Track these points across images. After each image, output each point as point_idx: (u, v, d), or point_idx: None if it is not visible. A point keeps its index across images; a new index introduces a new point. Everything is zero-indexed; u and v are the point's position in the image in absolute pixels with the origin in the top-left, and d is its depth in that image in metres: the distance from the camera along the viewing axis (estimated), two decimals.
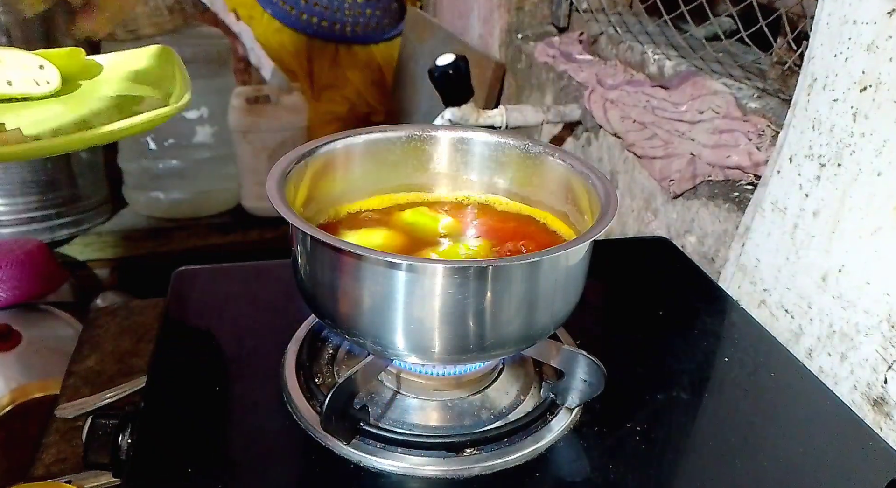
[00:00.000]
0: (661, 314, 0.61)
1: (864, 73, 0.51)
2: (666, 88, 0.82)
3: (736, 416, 0.49)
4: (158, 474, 0.42)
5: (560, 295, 0.42)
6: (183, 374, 0.50)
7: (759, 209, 0.62)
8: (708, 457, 0.46)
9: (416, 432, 0.45)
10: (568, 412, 0.47)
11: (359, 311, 0.40)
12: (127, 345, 0.77)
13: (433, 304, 0.38)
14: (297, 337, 0.52)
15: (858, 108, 0.52)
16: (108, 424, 0.46)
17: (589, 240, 0.40)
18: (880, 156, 0.50)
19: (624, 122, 0.85)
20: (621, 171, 0.88)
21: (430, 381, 0.47)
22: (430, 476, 0.42)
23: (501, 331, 0.41)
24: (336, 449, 0.43)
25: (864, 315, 0.52)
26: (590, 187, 0.46)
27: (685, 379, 0.52)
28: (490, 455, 0.43)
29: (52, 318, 1.07)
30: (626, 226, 0.88)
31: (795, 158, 0.58)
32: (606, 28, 0.99)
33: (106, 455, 0.45)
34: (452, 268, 0.38)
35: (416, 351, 0.41)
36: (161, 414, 0.46)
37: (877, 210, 0.51)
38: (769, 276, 0.61)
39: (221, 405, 0.48)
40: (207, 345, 0.54)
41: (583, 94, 0.94)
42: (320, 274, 0.42)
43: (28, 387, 0.84)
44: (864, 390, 0.52)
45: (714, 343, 0.58)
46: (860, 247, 0.52)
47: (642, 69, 0.89)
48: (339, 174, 0.50)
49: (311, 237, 0.39)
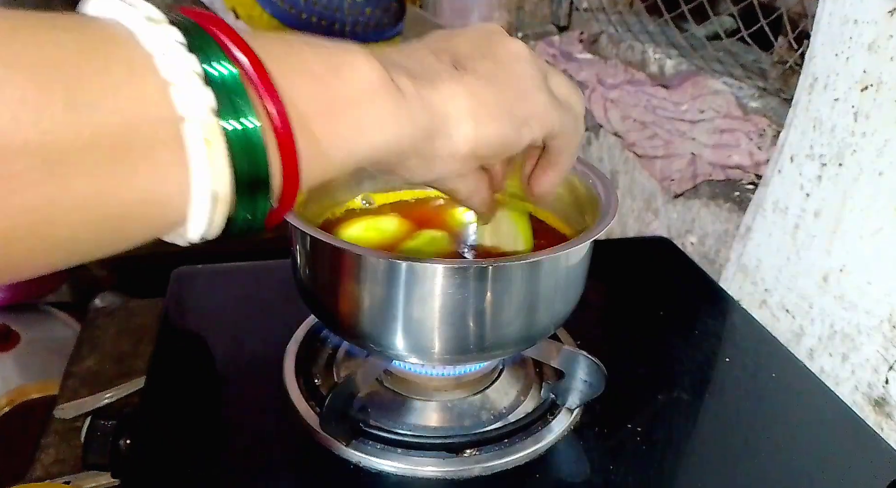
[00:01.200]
0: (662, 314, 0.60)
1: (866, 73, 0.51)
2: (667, 88, 0.82)
3: (737, 417, 0.49)
4: (157, 475, 0.42)
5: (560, 295, 0.42)
6: (182, 375, 0.50)
7: (760, 209, 0.62)
8: (709, 458, 0.46)
9: (415, 433, 0.45)
10: (568, 413, 0.47)
11: (358, 312, 0.40)
12: (126, 346, 0.77)
13: (433, 305, 0.38)
14: (296, 337, 0.52)
15: (859, 108, 0.52)
16: (107, 425, 0.46)
17: (589, 241, 0.40)
18: (881, 155, 0.50)
19: (624, 122, 0.85)
20: (622, 171, 0.88)
21: (429, 382, 0.47)
22: (430, 476, 0.42)
23: (501, 332, 0.41)
24: (335, 449, 0.43)
25: (866, 315, 0.52)
26: (590, 187, 0.46)
27: (686, 380, 0.52)
28: (490, 455, 0.43)
29: (51, 319, 1.07)
30: (626, 227, 0.88)
31: (796, 158, 0.58)
32: (607, 27, 0.99)
33: (105, 455, 0.45)
34: (452, 268, 0.38)
35: (415, 351, 0.41)
36: (160, 414, 0.46)
37: (878, 210, 0.51)
38: (770, 277, 0.61)
39: (220, 406, 0.48)
40: (206, 345, 0.54)
41: (583, 93, 0.94)
42: (320, 274, 0.42)
43: (26, 388, 0.84)
44: (866, 391, 0.52)
45: (715, 343, 0.58)
46: (861, 247, 0.52)
47: (643, 68, 0.89)
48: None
49: (311, 237, 0.38)
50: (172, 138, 0.20)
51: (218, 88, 0.21)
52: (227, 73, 0.21)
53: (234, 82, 0.21)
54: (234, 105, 0.21)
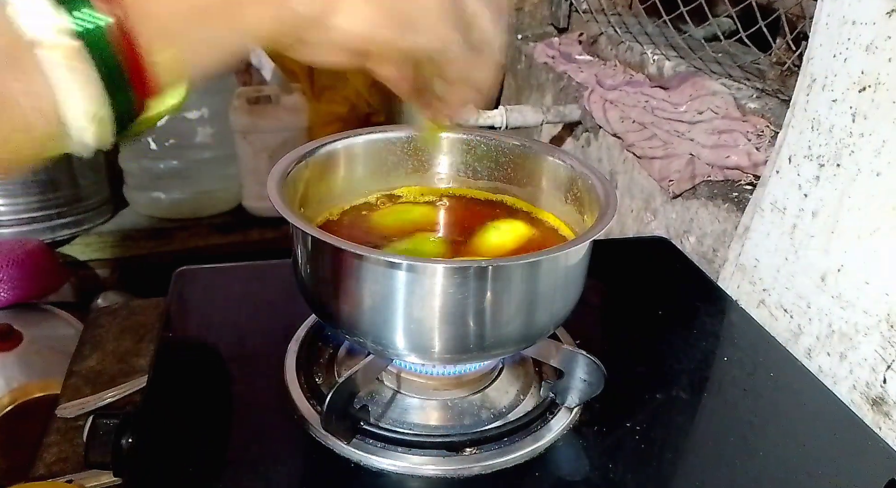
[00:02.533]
0: (661, 314, 0.61)
1: (864, 74, 0.51)
2: (665, 89, 0.82)
3: (735, 416, 0.50)
4: (159, 473, 0.42)
5: (560, 295, 0.42)
6: (184, 374, 0.50)
7: (759, 209, 0.62)
8: (707, 457, 0.46)
9: (416, 431, 0.45)
10: (567, 411, 0.47)
11: (359, 311, 0.41)
12: (128, 345, 0.77)
13: (433, 304, 0.38)
14: (297, 336, 0.52)
15: (857, 109, 0.52)
16: (109, 424, 0.46)
17: (588, 240, 0.40)
18: (879, 156, 0.50)
19: (623, 123, 0.85)
20: (621, 172, 0.88)
21: (430, 381, 0.47)
22: (430, 475, 0.43)
23: (501, 331, 0.41)
24: (336, 448, 0.43)
25: (863, 315, 0.52)
26: (589, 187, 0.46)
27: (684, 379, 0.52)
28: (490, 454, 0.44)
29: (54, 318, 1.07)
30: (625, 227, 0.88)
31: (794, 158, 0.58)
32: (606, 28, 0.99)
33: (107, 454, 0.45)
34: (452, 268, 0.38)
35: (416, 350, 0.41)
36: (162, 413, 0.47)
37: (876, 210, 0.51)
38: (768, 276, 0.61)
39: (222, 404, 0.48)
40: (208, 344, 0.54)
41: (582, 94, 0.94)
42: (321, 273, 0.42)
43: (29, 387, 0.84)
44: (864, 390, 0.52)
45: (713, 342, 0.58)
46: (859, 247, 0.52)
47: (642, 69, 0.89)
48: (339, 174, 0.51)
49: (312, 237, 0.39)
50: (31, 63, 0.21)
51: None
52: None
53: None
54: (74, 4, 0.22)
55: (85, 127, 0.24)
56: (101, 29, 0.22)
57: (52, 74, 0.22)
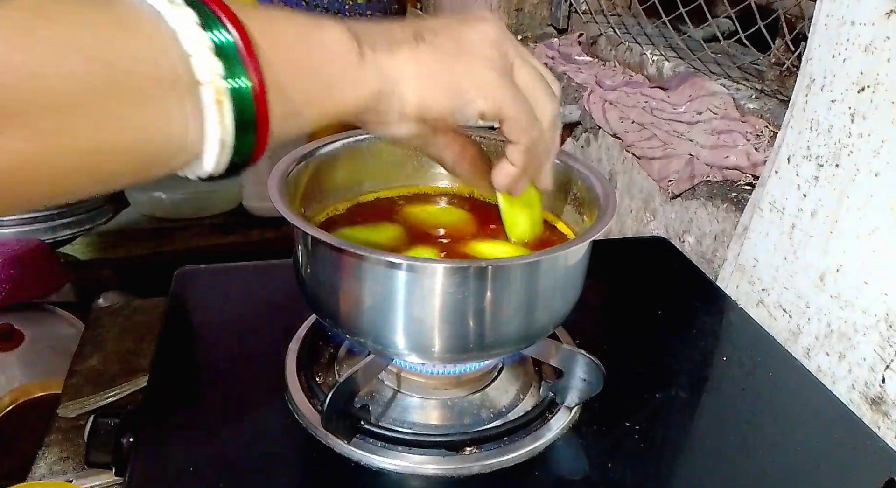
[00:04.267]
0: (660, 313, 0.61)
1: (862, 74, 0.51)
2: (665, 89, 0.82)
3: (734, 415, 0.50)
4: (160, 473, 0.42)
5: (559, 294, 0.43)
6: (185, 374, 0.50)
7: (758, 209, 0.62)
8: (706, 456, 0.46)
9: (416, 431, 0.45)
10: (567, 411, 0.47)
11: (359, 311, 0.41)
12: (129, 345, 0.77)
13: (433, 304, 0.39)
14: (298, 336, 0.52)
15: (856, 109, 0.52)
16: (110, 423, 0.46)
17: (588, 240, 0.40)
18: (878, 156, 0.50)
19: (623, 123, 0.85)
20: (620, 172, 0.88)
21: (430, 380, 0.47)
22: (430, 474, 0.43)
23: (501, 331, 0.41)
24: (337, 447, 0.44)
25: (862, 314, 0.52)
26: (589, 187, 0.47)
27: (684, 379, 0.53)
28: (489, 453, 0.44)
29: (54, 318, 1.07)
30: (624, 227, 0.88)
31: (793, 159, 0.58)
32: (605, 29, 0.99)
33: (108, 454, 0.45)
34: (452, 267, 0.38)
35: (416, 350, 0.41)
36: (163, 413, 0.47)
37: (874, 210, 0.51)
38: (767, 276, 0.61)
39: (223, 404, 0.48)
40: (209, 344, 0.54)
41: (582, 95, 0.94)
42: (321, 273, 0.42)
43: (30, 386, 0.84)
44: (862, 389, 0.52)
45: (712, 342, 0.58)
46: (858, 246, 0.52)
47: (641, 70, 0.90)
48: (339, 174, 0.51)
49: (312, 237, 0.39)
50: (192, 98, 0.26)
51: (222, 57, 0.27)
52: (226, 41, 0.27)
53: (233, 51, 0.27)
54: (233, 70, 0.27)
55: (213, 154, 0.28)
56: (248, 88, 0.27)
57: (206, 109, 0.27)
